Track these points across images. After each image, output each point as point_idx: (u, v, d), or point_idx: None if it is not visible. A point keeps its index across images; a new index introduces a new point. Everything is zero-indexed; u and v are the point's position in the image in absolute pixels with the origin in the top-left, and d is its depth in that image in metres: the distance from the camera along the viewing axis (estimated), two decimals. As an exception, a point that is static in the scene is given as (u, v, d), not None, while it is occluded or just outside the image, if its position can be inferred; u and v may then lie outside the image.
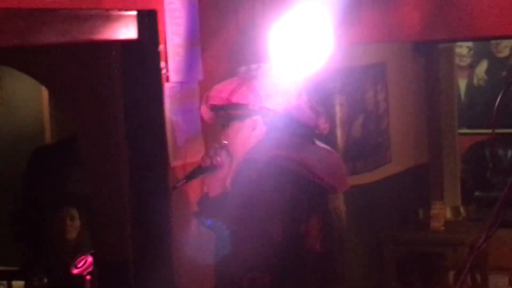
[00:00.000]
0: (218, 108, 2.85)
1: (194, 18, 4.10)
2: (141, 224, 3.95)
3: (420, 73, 6.57)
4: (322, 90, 4.86)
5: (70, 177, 5.13)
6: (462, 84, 8.87)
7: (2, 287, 5.21)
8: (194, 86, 4.10)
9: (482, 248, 2.20)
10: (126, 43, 3.83)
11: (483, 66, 8.90)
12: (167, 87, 3.94)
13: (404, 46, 6.27)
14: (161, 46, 3.91)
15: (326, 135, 2.91)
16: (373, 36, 4.79)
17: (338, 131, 5.43)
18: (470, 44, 8.69)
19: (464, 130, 8.24)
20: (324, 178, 2.74)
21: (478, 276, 6.03)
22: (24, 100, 6.63)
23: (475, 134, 8.45)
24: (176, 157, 3.95)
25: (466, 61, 8.91)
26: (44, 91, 6.36)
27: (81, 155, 4.31)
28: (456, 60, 7.59)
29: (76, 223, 4.97)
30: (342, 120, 5.48)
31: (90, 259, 2.60)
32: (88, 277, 2.60)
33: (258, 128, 2.79)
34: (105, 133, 4.06)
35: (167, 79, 3.94)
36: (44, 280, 4.75)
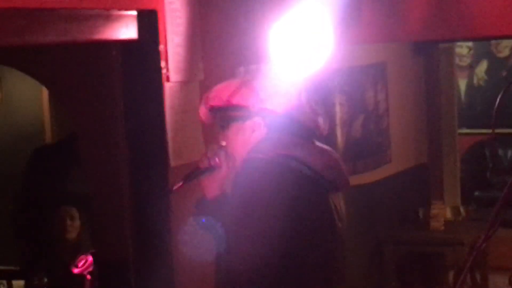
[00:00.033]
0: (217, 109, 2.83)
1: (194, 18, 4.10)
2: (141, 224, 3.95)
3: (420, 73, 6.57)
4: (322, 90, 4.87)
5: (70, 177, 5.13)
6: (462, 84, 8.87)
7: (2, 287, 5.21)
8: (194, 86, 4.10)
9: (482, 248, 2.21)
10: (127, 43, 3.83)
11: (483, 66, 8.90)
12: (167, 87, 3.94)
13: (404, 46, 6.26)
14: (161, 46, 3.91)
15: (326, 135, 2.91)
16: (373, 36, 4.80)
17: (338, 131, 5.43)
18: (470, 44, 8.69)
19: (464, 130, 8.24)
20: (326, 177, 2.73)
21: (478, 276, 6.03)
22: (24, 100, 6.63)
23: (475, 134, 8.44)
24: (176, 157, 3.95)
25: (466, 61, 8.91)
26: (44, 91, 6.35)
27: (81, 155, 4.31)
28: (456, 60, 7.59)
29: (76, 222, 4.97)
30: (342, 120, 5.48)
31: (90, 258, 2.60)
32: (88, 277, 2.60)
33: (258, 130, 2.78)
34: (105, 133, 4.06)
35: (167, 78, 3.95)
36: (44, 279, 4.75)
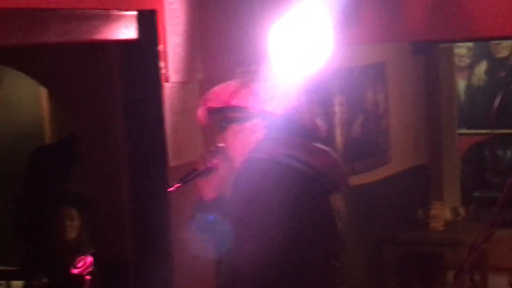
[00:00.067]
0: (216, 111, 2.81)
1: (194, 18, 4.10)
2: (140, 224, 3.95)
3: (420, 73, 6.57)
4: (322, 90, 4.86)
5: (69, 177, 5.13)
6: (461, 84, 8.86)
7: (2, 287, 5.21)
8: (193, 86, 4.10)
9: (481, 248, 2.21)
10: (126, 43, 3.83)
11: (482, 66, 8.90)
12: (166, 87, 3.94)
13: (404, 46, 6.26)
14: (160, 46, 3.91)
15: (325, 135, 2.90)
16: (372, 36, 4.80)
17: (338, 131, 5.43)
18: (469, 44, 8.68)
19: (464, 130, 8.24)
20: (326, 177, 2.73)
21: (477, 276, 6.03)
22: (23, 100, 6.63)
23: (474, 134, 8.44)
24: (175, 157, 3.95)
25: (465, 61, 8.91)
26: (43, 91, 6.35)
27: (81, 155, 4.31)
28: (456, 60, 7.59)
29: (75, 223, 4.98)
30: (342, 120, 5.48)
31: (90, 259, 2.59)
32: (88, 277, 2.59)
33: (257, 131, 2.77)
34: (104, 133, 4.06)
35: (167, 79, 3.95)
36: (43, 280, 4.75)
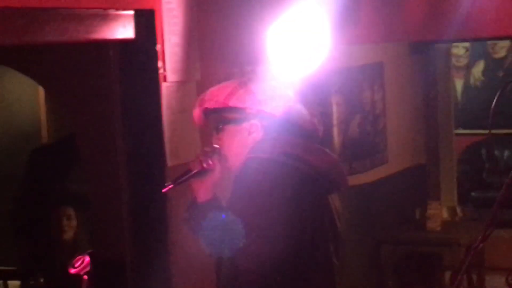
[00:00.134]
0: (212, 111, 2.80)
1: (192, 18, 4.10)
2: (138, 223, 3.95)
3: (417, 73, 6.57)
4: (319, 90, 4.87)
5: (67, 177, 5.13)
6: (458, 84, 8.87)
7: (-1, 287, 5.21)
8: (191, 86, 4.10)
9: (479, 248, 2.21)
10: (124, 42, 3.83)
11: (479, 66, 8.91)
12: (164, 87, 3.94)
13: (401, 46, 6.27)
14: (158, 46, 3.91)
15: (322, 136, 2.90)
16: (370, 36, 4.81)
17: (335, 131, 5.43)
18: (466, 44, 8.69)
19: (461, 131, 8.24)
20: (326, 177, 2.72)
21: (474, 276, 6.04)
22: (20, 100, 6.62)
23: (471, 135, 8.45)
24: (173, 157, 3.95)
25: (462, 62, 8.91)
26: (41, 90, 6.35)
27: (79, 155, 4.31)
28: (453, 61, 7.60)
29: (73, 222, 4.97)
30: (339, 120, 5.48)
31: (87, 258, 2.59)
32: (86, 277, 2.59)
33: (255, 132, 2.76)
34: (102, 132, 4.06)
35: (165, 78, 3.94)
36: (40, 279, 4.75)
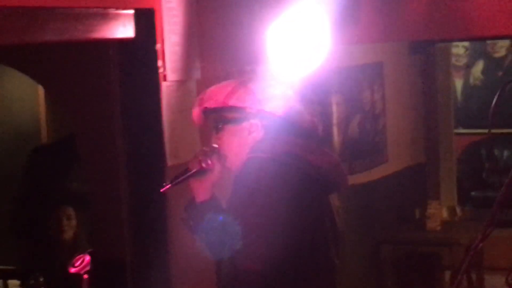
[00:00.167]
0: (212, 111, 2.79)
1: (192, 17, 4.10)
2: (138, 223, 3.95)
3: (417, 73, 6.58)
4: (319, 89, 4.87)
5: (67, 177, 5.13)
6: (458, 84, 8.87)
7: (-1, 286, 5.21)
8: (191, 85, 4.10)
9: (478, 248, 2.21)
10: (124, 41, 3.83)
11: (479, 66, 8.91)
12: (164, 86, 3.94)
13: (401, 45, 6.27)
14: (158, 45, 3.91)
15: (322, 135, 2.89)
16: (370, 35, 4.80)
17: (335, 130, 5.44)
18: (466, 44, 8.69)
19: (461, 130, 8.25)
20: (327, 176, 2.72)
21: (474, 276, 6.04)
22: (20, 99, 6.62)
23: (471, 134, 8.45)
24: (172, 157, 3.95)
25: (462, 61, 8.91)
26: (40, 90, 6.35)
27: (78, 154, 4.31)
28: (453, 60, 7.59)
29: (73, 222, 4.97)
30: (339, 120, 5.48)
31: (87, 258, 2.59)
32: (86, 276, 2.59)
33: (255, 131, 2.75)
34: (102, 132, 4.06)
35: (164, 78, 3.94)
36: (40, 279, 4.74)
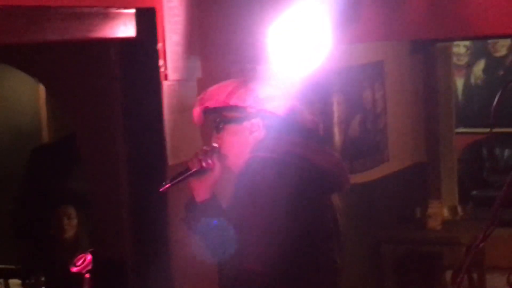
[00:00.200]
0: (212, 110, 2.78)
1: (193, 16, 4.10)
2: (139, 222, 3.95)
3: (418, 72, 6.57)
4: (320, 89, 4.87)
5: (67, 176, 5.13)
6: (459, 83, 8.87)
7: (0, 286, 5.20)
8: (192, 84, 4.10)
9: (479, 247, 2.21)
10: (125, 41, 3.83)
11: (480, 65, 8.90)
12: (165, 85, 3.94)
13: (402, 44, 6.27)
14: (159, 44, 3.91)
15: (323, 134, 2.89)
16: (370, 34, 4.80)
17: (336, 130, 5.44)
18: (467, 43, 8.68)
19: (462, 129, 8.24)
20: (329, 176, 2.72)
21: (475, 276, 6.04)
22: (21, 99, 6.62)
23: (472, 134, 8.44)
24: (173, 156, 3.95)
25: (463, 60, 8.91)
26: (41, 89, 6.35)
27: (79, 154, 4.31)
28: (454, 59, 7.59)
29: (73, 221, 4.97)
30: (340, 119, 5.48)
31: (89, 257, 2.59)
32: (87, 275, 2.60)
33: (256, 131, 2.75)
34: (103, 131, 4.06)
35: (166, 77, 3.95)
36: (41, 278, 4.75)
